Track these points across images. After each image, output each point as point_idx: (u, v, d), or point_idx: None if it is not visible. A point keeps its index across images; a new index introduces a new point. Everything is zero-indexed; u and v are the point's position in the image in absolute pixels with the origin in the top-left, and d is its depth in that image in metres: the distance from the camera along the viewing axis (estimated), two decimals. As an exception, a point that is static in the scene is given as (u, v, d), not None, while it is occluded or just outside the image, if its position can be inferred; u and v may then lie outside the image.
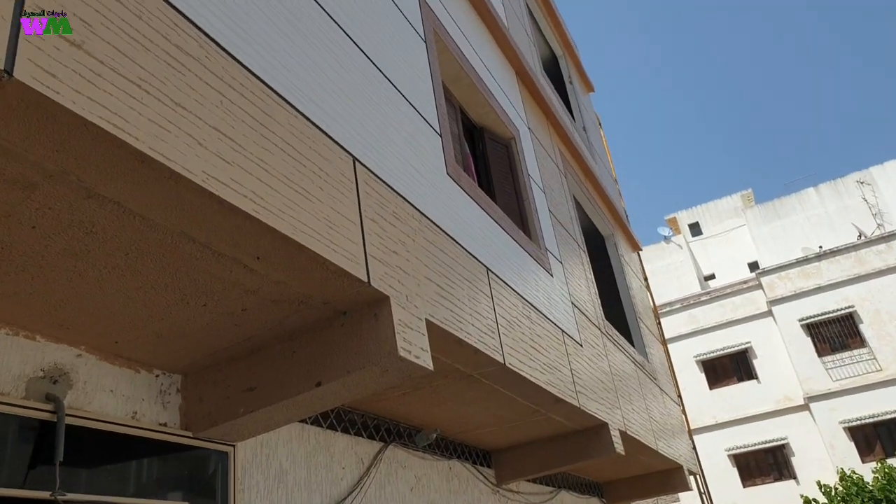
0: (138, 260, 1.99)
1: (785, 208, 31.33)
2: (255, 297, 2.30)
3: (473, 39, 5.19)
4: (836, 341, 23.20)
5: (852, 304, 22.95)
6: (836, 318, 23.17)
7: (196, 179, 1.73)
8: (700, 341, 24.95)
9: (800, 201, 31.40)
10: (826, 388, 22.47)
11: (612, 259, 8.69)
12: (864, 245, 23.68)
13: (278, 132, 2.20)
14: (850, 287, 23.25)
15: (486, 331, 3.37)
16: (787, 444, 22.69)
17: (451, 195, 3.59)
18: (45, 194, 1.66)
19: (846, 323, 23.14)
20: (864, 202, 29.98)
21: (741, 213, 33.98)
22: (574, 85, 10.22)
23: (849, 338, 23.09)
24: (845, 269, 23.57)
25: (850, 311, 22.95)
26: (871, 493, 14.80)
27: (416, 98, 3.56)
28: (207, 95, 1.91)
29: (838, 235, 28.94)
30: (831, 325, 23.35)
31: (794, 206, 31.24)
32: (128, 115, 1.58)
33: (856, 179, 30.78)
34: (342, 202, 2.44)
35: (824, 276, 23.84)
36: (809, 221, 30.65)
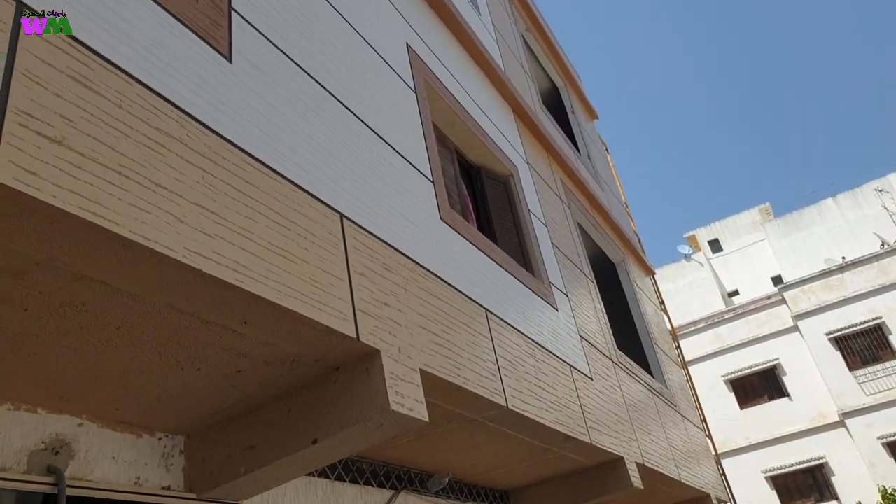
0: (130, 332, 2.06)
1: (804, 220, 31.01)
2: (247, 360, 2.36)
3: (467, 83, 5.29)
4: (867, 354, 22.71)
5: (880, 315, 22.51)
6: (865, 330, 22.71)
7: (177, 256, 1.81)
8: (727, 360, 24.57)
9: (819, 212, 31.06)
10: (860, 403, 21.92)
11: (624, 285, 8.67)
12: (887, 254, 23.32)
13: (261, 199, 2.28)
14: (877, 298, 22.83)
15: (487, 374, 3.39)
16: (826, 464, 22.07)
17: (446, 240, 3.65)
18: (35, 280, 1.74)
19: (875, 335, 22.66)
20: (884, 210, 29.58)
21: (760, 228, 33.67)
22: (577, 114, 10.31)
23: (879, 350, 22.58)
24: (869, 279, 23.19)
25: (879, 323, 22.50)
26: (914, 510, 14.34)
27: (406, 148, 3.65)
28: (188, 173, 1.99)
29: (861, 245, 28.51)
30: (860, 338, 22.88)
31: (814, 217, 30.90)
32: (108, 202, 1.67)
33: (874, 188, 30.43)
34: (329, 260, 2.51)
35: (848, 287, 23.46)
36: (830, 232, 30.26)
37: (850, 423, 21.86)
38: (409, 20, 4.57)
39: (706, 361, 24.67)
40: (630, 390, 6.18)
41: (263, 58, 2.66)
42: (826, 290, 23.71)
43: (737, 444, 23.19)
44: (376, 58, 3.77)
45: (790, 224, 31.38)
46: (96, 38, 1.85)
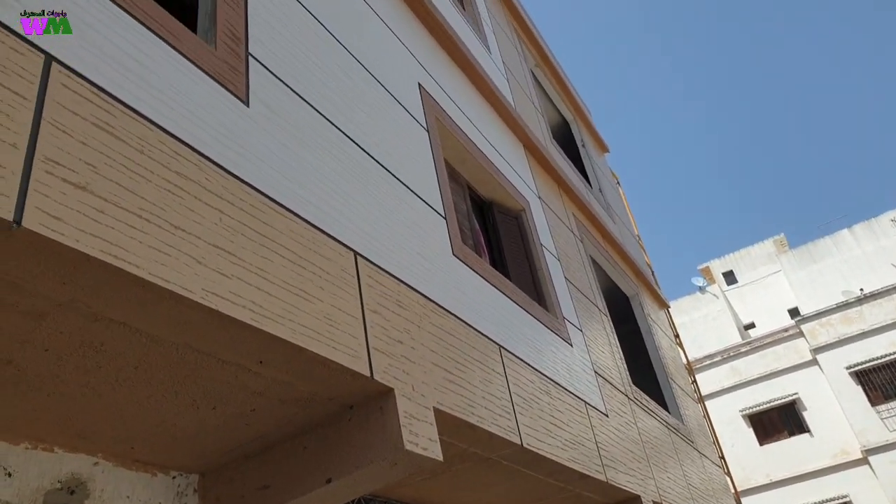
0: (147, 371, 2.09)
1: (820, 251, 30.75)
2: (262, 398, 2.38)
3: (478, 120, 5.37)
4: (889, 388, 22.26)
5: (902, 349, 22.14)
6: (886, 363, 22.31)
7: (195, 297, 1.84)
8: (745, 394, 24.17)
9: (835, 243, 30.81)
10: (884, 440, 21.44)
11: (639, 319, 8.63)
12: (904, 286, 23.03)
13: (278, 239, 2.32)
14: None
15: (501, 412, 3.38)
16: (850, 502, 21.54)
17: (458, 276, 3.67)
18: (56, 321, 1.78)
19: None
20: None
21: (776, 259, 33.42)
22: (587, 148, 10.38)
23: (901, 385, 22.18)
24: (889, 311, 22.85)
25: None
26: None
27: (419, 185, 3.70)
28: (206, 215, 2.04)
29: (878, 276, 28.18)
30: (881, 372, 22.46)
31: (830, 248, 30.64)
32: (128, 245, 1.71)
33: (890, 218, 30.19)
34: (343, 298, 2.53)
35: (867, 320, 23.12)
36: (847, 264, 29.97)
37: (874, 459, 21.36)
38: (420, 60, 4.66)
39: (723, 396, 24.30)
40: (646, 427, 6.11)
41: (279, 100, 2.72)
42: (845, 323, 23.37)
43: (757, 481, 22.70)
44: (389, 98, 3.84)
45: (806, 255, 31.13)
46: (120, 86, 1.91)
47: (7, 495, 2.15)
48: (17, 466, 2.22)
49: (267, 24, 2.89)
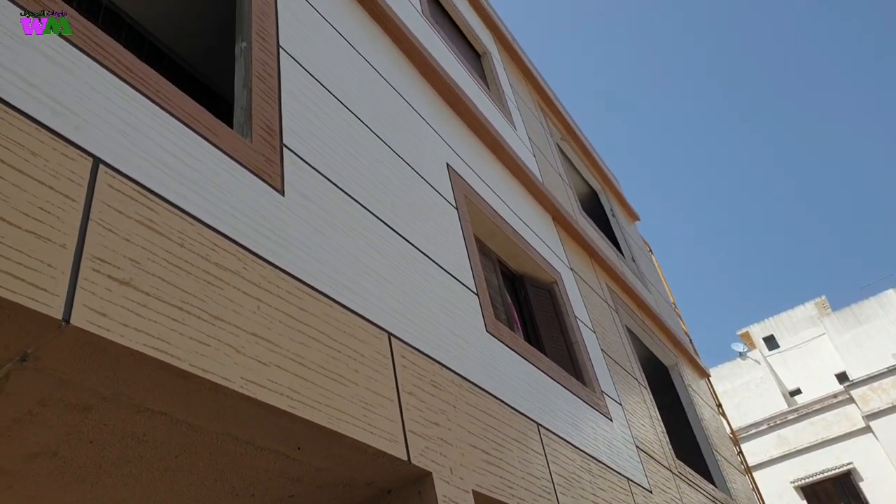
0: (188, 460, 2.10)
1: (865, 313, 29.86)
2: (300, 485, 2.37)
3: (506, 195, 5.45)
4: (952, 455, 21.16)
5: (961, 412, 21.11)
6: (946, 427, 21.27)
7: (234, 387, 1.88)
8: (795, 464, 23.11)
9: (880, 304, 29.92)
10: (948, 510, 20.22)
11: (679, 390, 8.40)
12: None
13: (313, 324, 2.36)
14: (956, 392, 21.51)
15: (541, 492, 3.30)
16: (915, 577, 20.15)
17: (492, 353, 3.66)
18: (101, 414, 1.82)
19: (959, 432, 21.19)
20: (951, 300, 28.41)
21: (818, 322, 32.51)
22: (617, 217, 10.41)
23: (965, 449, 21.04)
24: (947, 373, 21.94)
25: (961, 420, 21.06)
26: None
27: (450, 263, 3.74)
28: (245, 304, 2.09)
29: (931, 336, 27.22)
30: (943, 438, 21.40)
31: (875, 309, 29.75)
32: (170, 338, 1.76)
33: (937, 276, 29.35)
34: (378, 381, 2.54)
35: (922, 382, 22.19)
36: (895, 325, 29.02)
37: (939, 532, 20.08)
38: (448, 141, 4.80)
39: (772, 466, 23.26)
40: (692, 502, 5.87)
41: (313, 189, 2.82)
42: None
43: (816, 557, 21.41)
44: (418, 179, 3.95)
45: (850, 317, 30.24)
46: (161, 183, 2.01)
47: (47, 591, 2.15)
48: (58, 560, 2.22)
49: (300, 115, 3.02)
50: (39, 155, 1.64)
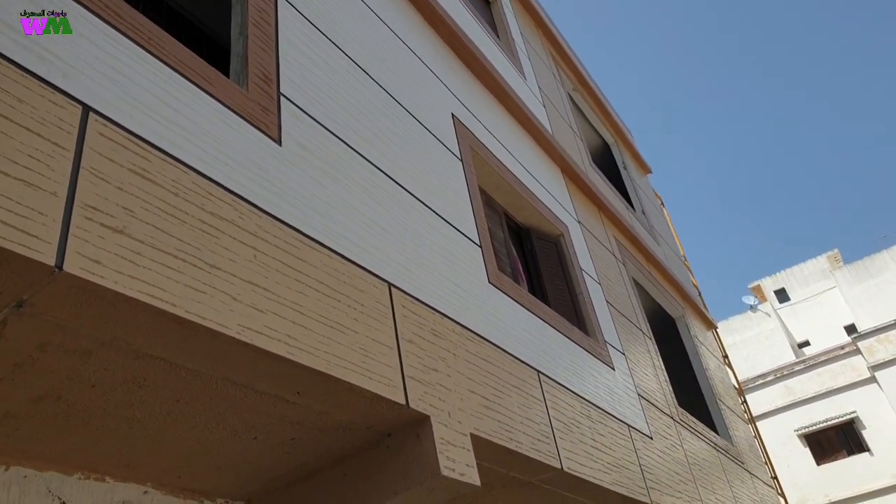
0: (189, 404, 2.16)
1: (877, 266, 29.69)
2: (300, 428, 2.43)
3: (513, 147, 5.40)
4: (954, 405, 21.32)
5: (965, 366, 21.18)
6: (950, 379, 21.37)
7: (231, 333, 1.91)
8: (800, 414, 23.36)
9: (892, 257, 29.71)
10: (948, 460, 20.48)
11: (685, 341, 8.46)
12: (971, 298, 22.04)
13: (312, 273, 2.38)
14: (961, 347, 21.54)
15: (540, 437, 3.36)
16: (912, 523, 20.56)
17: (495, 303, 3.68)
18: (100, 359, 1.86)
19: (960, 385, 21.30)
20: (960, 255, 28.14)
21: (830, 275, 32.38)
22: (629, 170, 10.31)
23: (965, 401, 21.19)
24: (954, 325, 21.92)
25: (964, 372, 21.15)
26: None
27: (453, 214, 3.74)
28: (241, 253, 2.11)
29: (941, 290, 27.08)
30: (944, 387, 21.53)
31: (887, 262, 29.56)
32: (165, 285, 1.78)
33: (951, 230, 29.02)
34: (378, 329, 2.58)
35: (930, 334, 22.20)
36: (905, 279, 28.85)
37: (939, 479, 20.38)
38: (453, 91, 4.73)
39: (777, 416, 23.52)
40: (693, 448, 5.97)
41: (311, 138, 2.81)
42: (905, 338, 22.47)
43: (815, 501, 21.82)
44: (422, 130, 3.91)
45: (862, 270, 30.09)
46: (154, 132, 2.01)
47: (59, 526, 2.24)
48: (72, 496, 2.30)
49: (298, 63, 2.99)
50: (26, 102, 1.64)
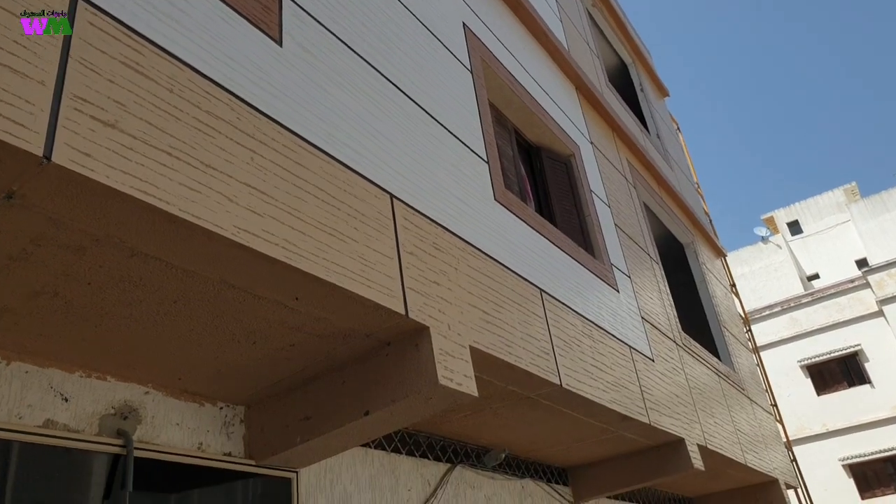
0: (187, 306, 2.16)
1: (894, 200, 29.24)
2: (300, 334, 2.45)
3: (527, 61, 5.23)
4: (957, 340, 21.44)
5: (974, 301, 21.16)
6: (959, 316, 21.40)
7: (227, 234, 1.89)
8: (805, 345, 23.59)
9: (909, 192, 29.24)
10: (948, 392, 20.78)
11: (693, 267, 8.44)
12: None
13: (311, 180, 2.34)
14: (970, 282, 21.46)
15: (540, 353, 3.39)
16: (908, 455, 21.06)
17: (500, 221, 3.65)
18: (94, 255, 1.86)
19: (969, 320, 21.34)
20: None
21: (845, 209, 32.01)
22: (646, 92, 10.03)
23: (972, 335, 21.29)
24: (965, 263, 21.77)
25: (973, 308, 21.15)
26: None
27: (460, 128, 3.65)
28: (238, 154, 2.07)
29: (957, 226, 26.74)
30: (951, 323, 21.59)
31: (905, 197, 29.11)
32: (158, 182, 1.75)
33: (973, 164, 28.40)
34: (378, 239, 2.56)
35: (942, 271, 22.09)
36: (922, 214, 28.46)
37: (937, 413, 20.74)
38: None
39: (782, 346, 23.76)
40: (694, 373, 6.04)
41: (314, 41, 2.71)
42: (917, 274, 22.40)
43: (812, 430, 22.33)
44: (431, 38, 3.78)
45: (878, 204, 29.65)
46: (148, 25, 1.93)
47: (65, 418, 2.30)
48: (73, 393, 2.36)
49: (302, -39, 2.85)
50: (9, -16, 1.57)
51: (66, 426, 2.30)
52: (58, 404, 2.31)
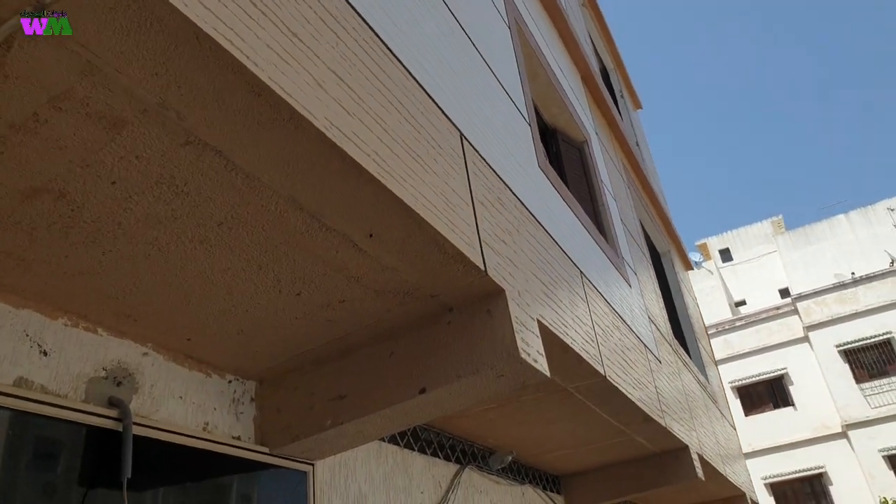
0: (232, 232, 1.63)
1: (816, 234, 30.60)
2: (357, 286, 1.94)
3: (546, 37, 4.85)
4: (875, 368, 22.46)
5: (890, 331, 22.24)
6: (874, 344, 22.47)
7: (319, 125, 1.38)
8: (735, 367, 24.20)
9: (830, 227, 30.65)
10: (864, 416, 21.70)
11: (669, 276, 8.24)
12: (902, 271, 22.99)
13: (392, 90, 1.85)
14: (888, 313, 22.54)
15: (587, 338, 2.98)
16: (825, 473, 21.87)
17: (543, 190, 3.22)
18: (134, 137, 1.31)
19: (884, 349, 22.43)
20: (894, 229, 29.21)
21: (772, 240, 33.24)
22: (626, 100, 9.85)
23: (887, 364, 22.34)
24: (882, 294, 22.88)
25: (889, 338, 22.25)
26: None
27: (509, 83, 3.22)
28: (323, 32, 1.56)
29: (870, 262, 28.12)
30: (869, 352, 22.63)
31: (825, 232, 30.50)
32: (245, 35, 1.24)
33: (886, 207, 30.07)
34: (455, 179, 2.08)
35: (861, 301, 23.14)
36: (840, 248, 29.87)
37: (853, 434, 21.62)
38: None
39: (714, 368, 24.27)
40: (686, 380, 5.76)
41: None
42: (840, 303, 23.36)
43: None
44: (476, -22, 3.33)
45: (802, 237, 30.95)
46: None
47: (43, 378, 1.71)
48: (54, 345, 1.78)
49: None
50: None
51: (44, 388, 1.72)
52: (34, 358, 1.72)
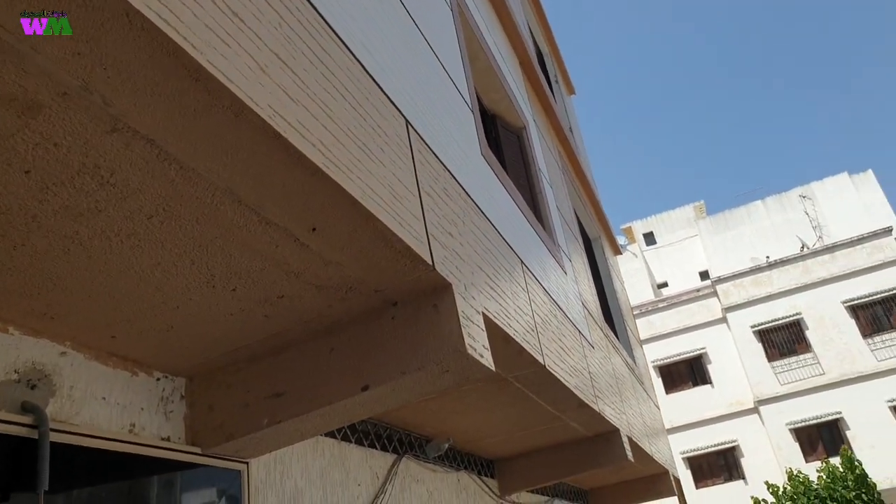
0: (164, 226, 1.51)
1: (735, 219, 31.96)
2: (297, 282, 1.84)
3: (487, 21, 4.79)
4: (785, 346, 23.76)
5: (799, 311, 23.56)
6: (785, 324, 23.74)
7: (262, 114, 1.28)
8: (657, 347, 25.11)
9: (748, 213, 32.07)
10: (774, 392, 22.97)
11: (599, 261, 8.40)
12: (811, 255, 24.30)
13: (337, 75, 1.75)
14: (798, 295, 23.84)
15: (528, 328, 2.97)
16: (738, 447, 23.10)
17: (486, 179, 3.18)
18: (52, 122, 1.18)
19: (794, 329, 23.72)
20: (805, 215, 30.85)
21: (694, 224, 34.51)
22: (560, 85, 9.92)
23: (796, 343, 23.66)
24: (794, 278, 24.15)
25: (798, 318, 23.55)
26: (816, 491, 14.90)
27: (452, 68, 3.15)
28: (265, 12, 1.45)
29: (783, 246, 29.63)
30: (780, 332, 23.90)
31: (744, 217, 31.90)
32: (181, 13, 1.12)
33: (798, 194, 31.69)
34: (402, 168, 2.01)
35: (775, 284, 24.36)
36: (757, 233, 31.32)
37: (764, 409, 22.85)
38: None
39: (637, 348, 25.10)
40: (616, 363, 5.90)
41: None
42: (755, 286, 24.51)
43: (660, 427, 23.79)
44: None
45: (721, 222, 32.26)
46: None
47: (-54, 383, 1.55)
48: (-41, 346, 1.61)
49: None
50: None
51: (-52, 393, 1.56)
52: (-64, 361, 1.56)
